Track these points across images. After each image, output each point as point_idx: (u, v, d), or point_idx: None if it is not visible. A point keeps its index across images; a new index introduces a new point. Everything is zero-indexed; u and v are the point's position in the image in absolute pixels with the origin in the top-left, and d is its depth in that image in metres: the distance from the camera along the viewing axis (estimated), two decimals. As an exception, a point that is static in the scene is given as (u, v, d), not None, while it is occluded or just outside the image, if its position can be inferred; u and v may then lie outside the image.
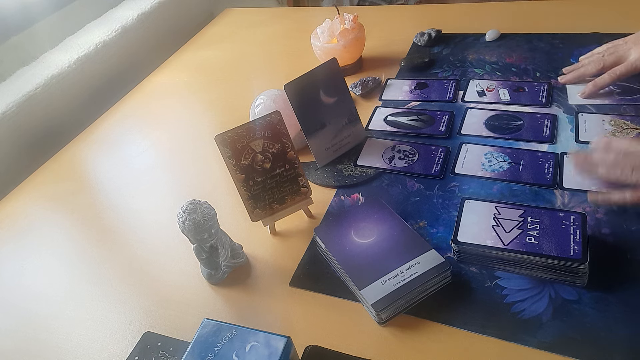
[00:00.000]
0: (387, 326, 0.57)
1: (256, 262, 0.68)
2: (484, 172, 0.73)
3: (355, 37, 0.97)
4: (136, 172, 0.90)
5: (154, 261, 0.72)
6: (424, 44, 1.05)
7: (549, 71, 0.89)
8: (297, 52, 1.14)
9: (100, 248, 0.76)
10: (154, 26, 1.26)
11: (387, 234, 0.63)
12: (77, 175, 0.93)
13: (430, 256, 0.59)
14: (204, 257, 0.64)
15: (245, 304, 0.63)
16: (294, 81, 0.75)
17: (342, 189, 0.76)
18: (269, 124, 0.67)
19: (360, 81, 0.95)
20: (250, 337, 0.49)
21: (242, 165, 0.67)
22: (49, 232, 0.81)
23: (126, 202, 0.84)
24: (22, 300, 0.70)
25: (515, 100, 0.85)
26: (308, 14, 1.41)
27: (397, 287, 0.57)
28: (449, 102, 0.88)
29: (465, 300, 0.57)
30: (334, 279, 0.63)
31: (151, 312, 0.65)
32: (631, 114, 0.76)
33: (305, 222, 0.72)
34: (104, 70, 1.14)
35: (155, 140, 0.97)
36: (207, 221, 0.61)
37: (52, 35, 1.12)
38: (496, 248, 0.59)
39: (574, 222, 0.59)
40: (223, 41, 1.28)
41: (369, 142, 0.83)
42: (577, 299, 0.55)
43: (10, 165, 0.96)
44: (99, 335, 0.63)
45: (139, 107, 1.08)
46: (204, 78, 1.14)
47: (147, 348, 0.59)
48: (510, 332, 0.54)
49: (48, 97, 1.01)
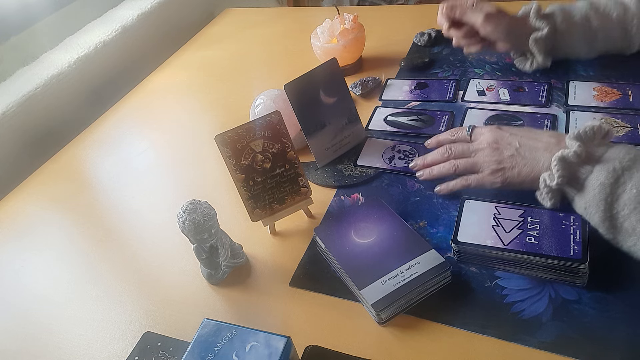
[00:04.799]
0: (387, 326, 0.57)
1: (256, 262, 0.68)
2: (484, 172, 0.73)
3: (355, 37, 0.97)
4: (136, 172, 0.90)
5: (154, 261, 0.72)
6: (424, 44, 1.05)
7: (549, 71, 0.89)
8: (297, 52, 1.14)
9: (100, 248, 0.76)
10: (154, 26, 1.26)
11: (387, 234, 0.63)
12: (77, 176, 0.93)
13: (430, 256, 0.59)
14: (204, 257, 0.64)
15: (245, 304, 0.63)
16: (294, 81, 0.75)
17: (342, 189, 0.76)
18: (269, 124, 0.67)
19: (360, 81, 0.95)
20: (250, 337, 0.49)
21: (242, 165, 0.67)
22: (49, 232, 0.81)
23: (126, 202, 0.84)
24: (22, 300, 0.70)
25: (515, 100, 0.85)
26: (308, 14, 1.41)
27: (397, 287, 0.57)
28: (449, 102, 0.88)
29: (465, 300, 0.57)
30: (334, 279, 0.63)
31: (151, 312, 0.65)
32: (621, 112, 0.78)
33: (305, 222, 0.72)
34: (104, 70, 1.14)
35: (155, 140, 0.97)
36: (207, 221, 0.61)
37: (52, 35, 1.12)
38: (496, 248, 0.59)
39: (574, 222, 0.59)
40: (223, 41, 1.28)
41: (369, 142, 0.83)
42: (577, 299, 0.55)
43: (10, 165, 0.96)
44: (99, 335, 0.63)
45: (139, 107, 1.08)
46: (204, 78, 1.14)
47: (147, 348, 0.59)
48: (510, 332, 0.54)
49: (48, 97, 1.01)
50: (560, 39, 0.85)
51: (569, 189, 0.59)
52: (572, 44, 0.86)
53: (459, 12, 0.86)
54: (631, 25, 0.82)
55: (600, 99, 0.81)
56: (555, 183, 0.59)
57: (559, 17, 0.84)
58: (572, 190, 0.59)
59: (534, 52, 0.86)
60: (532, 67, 0.89)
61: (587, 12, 0.83)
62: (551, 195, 0.60)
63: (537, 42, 0.84)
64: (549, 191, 0.60)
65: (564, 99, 0.83)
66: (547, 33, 0.83)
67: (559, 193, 0.60)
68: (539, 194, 0.62)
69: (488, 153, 0.65)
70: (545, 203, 0.62)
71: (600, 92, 0.82)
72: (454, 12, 0.87)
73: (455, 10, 0.87)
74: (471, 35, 0.88)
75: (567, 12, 0.84)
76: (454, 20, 0.87)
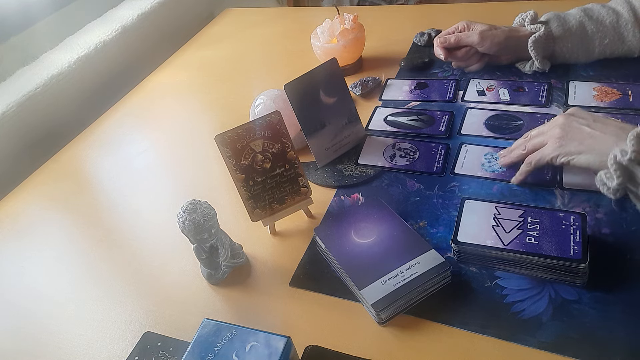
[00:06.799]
0: (387, 326, 0.57)
1: (256, 262, 0.68)
2: (484, 172, 0.73)
3: (355, 37, 0.97)
4: (136, 172, 0.90)
5: (154, 261, 0.72)
6: (424, 44, 1.05)
7: (549, 71, 0.89)
8: (297, 52, 1.14)
9: (100, 248, 0.76)
10: (154, 26, 1.26)
11: (387, 234, 0.63)
12: (77, 175, 0.93)
13: (430, 256, 0.59)
14: (204, 257, 0.64)
15: (245, 304, 0.63)
16: (294, 81, 0.75)
17: (342, 189, 0.76)
18: (269, 124, 0.67)
19: (360, 81, 0.95)
20: (250, 337, 0.49)
21: (242, 165, 0.67)
22: (49, 232, 0.81)
23: (126, 202, 0.84)
24: (22, 300, 0.70)
25: (515, 100, 0.85)
26: (308, 14, 1.41)
27: (397, 287, 0.57)
28: (449, 102, 0.88)
29: (465, 300, 0.57)
30: (334, 279, 0.63)
31: (151, 312, 0.65)
32: (621, 112, 0.78)
33: (305, 222, 0.72)
34: (104, 70, 1.14)
35: (155, 140, 0.97)
36: (207, 221, 0.61)
37: (52, 35, 1.11)
38: (496, 248, 0.59)
39: (574, 222, 0.59)
40: (223, 41, 1.28)
41: (369, 141, 0.83)
42: (577, 299, 0.55)
43: (10, 165, 0.96)
44: (99, 335, 0.63)
45: (139, 107, 1.08)
46: (204, 78, 1.14)
47: (147, 348, 0.59)
48: (510, 332, 0.54)
49: (48, 97, 1.01)
50: (557, 45, 0.86)
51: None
52: (569, 49, 0.87)
53: (454, 39, 0.90)
54: (627, 31, 0.83)
55: (600, 99, 0.81)
56: (627, 158, 0.57)
57: (554, 23, 0.85)
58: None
59: (533, 55, 0.86)
60: (531, 69, 0.89)
61: (581, 19, 0.84)
62: (619, 173, 0.58)
63: (535, 43, 0.85)
64: (618, 168, 0.58)
65: (564, 99, 0.83)
66: (544, 34, 0.85)
67: (627, 172, 0.58)
68: (605, 173, 0.60)
69: (556, 131, 0.65)
70: (610, 182, 0.59)
71: (600, 92, 0.82)
72: (448, 42, 0.91)
73: (449, 40, 0.91)
74: (469, 56, 0.92)
75: (562, 19, 0.86)
76: (450, 48, 0.92)
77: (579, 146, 0.62)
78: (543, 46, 0.86)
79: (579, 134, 0.63)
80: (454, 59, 0.93)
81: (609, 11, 0.84)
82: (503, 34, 0.87)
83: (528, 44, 0.86)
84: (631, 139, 0.57)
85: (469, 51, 0.91)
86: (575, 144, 0.63)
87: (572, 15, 0.86)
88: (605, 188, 0.61)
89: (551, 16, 0.87)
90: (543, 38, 0.85)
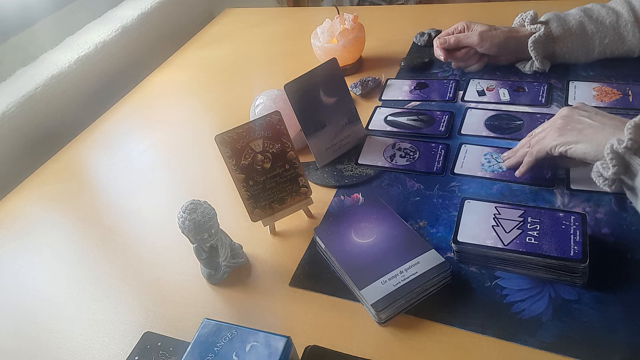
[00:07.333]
0: (387, 326, 0.57)
1: (256, 262, 0.68)
2: (484, 172, 0.73)
3: (355, 37, 0.97)
4: (136, 172, 0.90)
5: (154, 261, 0.72)
6: (424, 44, 1.05)
7: (549, 71, 0.89)
8: (297, 52, 1.14)
9: (100, 248, 0.76)
10: (154, 26, 1.26)
11: (387, 234, 0.63)
12: (77, 175, 0.93)
13: (430, 256, 0.59)
14: (204, 257, 0.64)
15: (245, 304, 0.63)
16: (294, 81, 0.75)
17: (342, 189, 0.76)
18: (269, 124, 0.67)
19: (360, 81, 0.95)
20: (250, 337, 0.49)
21: (242, 165, 0.67)
22: (49, 232, 0.81)
23: (126, 202, 0.84)
24: (22, 300, 0.70)
25: (515, 100, 0.85)
26: (308, 14, 1.41)
27: (397, 287, 0.57)
28: (449, 102, 0.88)
29: (465, 300, 0.57)
30: (334, 279, 0.63)
31: (151, 312, 0.65)
32: (621, 112, 0.77)
33: (305, 222, 0.72)
34: (104, 70, 1.14)
35: (155, 140, 0.97)
36: (207, 221, 0.61)
37: (52, 35, 1.11)
38: (496, 248, 0.59)
39: (574, 222, 0.59)
40: (223, 41, 1.28)
41: (369, 141, 0.83)
42: (577, 299, 0.55)
43: (10, 165, 0.96)
44: (99, 335, 0.63)
45: (139, 107, 1.08)
46: (204, 78, 1.14)
47: (147, 348, 0.59)
48: (510, 332, 0.54)
49: (48, 97, 1.01)
50: (557, 44, 0.87)
51: (637, 159, 0.56)
52: (569, 49, 0.87)
53: (454, 40, 0.90)
54: (627, 31, 0.83)
55: (600, 99, 0.81)
56: (624, 146, 0.56)
57: (554, 23, 0.86)
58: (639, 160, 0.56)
59: (533, 55, 0.87)
60: (531, 69, 0.89)
61: (581, 19, 0.85)
62: (615, 162, 0.57)
63: (535, 43, 0.85)
64: (614, 157, 0.57)
65: (564, 99, 0.83)
66: (544, 34, 0.85)
67: (623, 162, 0.57)
68: (601, 163, 0.59)
69: (558, 122, 0.65)
70: (605, 172, 0.59)
71: (600, 92, 0.82)
72: (447, 43, 0.91)
73: (448, 41, 0.91)
74: (469, 57, 0.92)
75: (562, 19, 0.86)
76: (450, 49, 0.92)
77: (578, 135, 0.62)
78: (543, 46, 0.86)
79: (579, 124, 0.63)
80: (454, 59, 0.93)
81: (609, 11, 0.84)
82: (503, 34, 0.87)
83: (528, 44, 0.86)
84: (629, 127, 0.57)
85: (468, 52, 0.91)
86: (574, 134, 0.63)
87: (572, 15, 0.86)
88: (601, 179, 0.60)
89: (551, 16, 0.87)
90: (543, 38, 0.85)
